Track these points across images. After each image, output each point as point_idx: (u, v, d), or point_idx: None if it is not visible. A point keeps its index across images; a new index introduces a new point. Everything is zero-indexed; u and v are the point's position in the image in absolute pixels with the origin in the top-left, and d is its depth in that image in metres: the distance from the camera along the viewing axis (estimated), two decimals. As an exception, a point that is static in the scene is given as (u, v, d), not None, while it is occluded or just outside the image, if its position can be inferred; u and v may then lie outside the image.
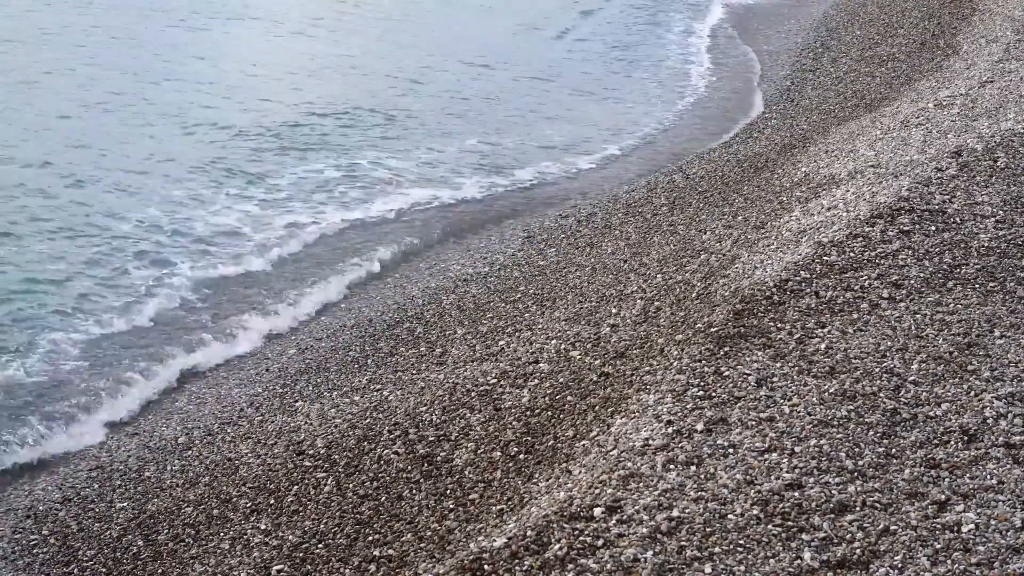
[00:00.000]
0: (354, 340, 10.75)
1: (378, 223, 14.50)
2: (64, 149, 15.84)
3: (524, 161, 16.98)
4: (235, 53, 22.22)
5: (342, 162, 16.38)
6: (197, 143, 16.72)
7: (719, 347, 7.25)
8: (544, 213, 14.58)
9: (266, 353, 10.99)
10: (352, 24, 25.21)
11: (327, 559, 7.02)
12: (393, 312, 11.35)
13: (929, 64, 18.11)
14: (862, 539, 5.37)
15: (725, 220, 11.45)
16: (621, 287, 10.23)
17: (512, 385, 8.42)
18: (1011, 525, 5.44)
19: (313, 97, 19.28)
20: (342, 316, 11.70)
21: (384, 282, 12.68)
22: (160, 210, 14.12)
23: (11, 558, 7.83)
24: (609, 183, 15.90)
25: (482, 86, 20.92)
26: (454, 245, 13.76)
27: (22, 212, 13.67)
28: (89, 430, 9.56)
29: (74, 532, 8.06)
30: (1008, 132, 11.39)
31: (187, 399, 10.15)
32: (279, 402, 9.61)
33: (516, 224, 14.27)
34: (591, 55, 23.97)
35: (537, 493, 6.54)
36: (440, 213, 14.91)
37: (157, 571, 7.48)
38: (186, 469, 8.67)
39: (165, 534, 7.85)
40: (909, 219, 9.14)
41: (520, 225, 14.14)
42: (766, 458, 5.99)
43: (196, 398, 10.13)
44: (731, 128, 18.39)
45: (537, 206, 15.13)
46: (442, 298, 11.45)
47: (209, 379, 10.59)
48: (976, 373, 6.87)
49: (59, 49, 20.85)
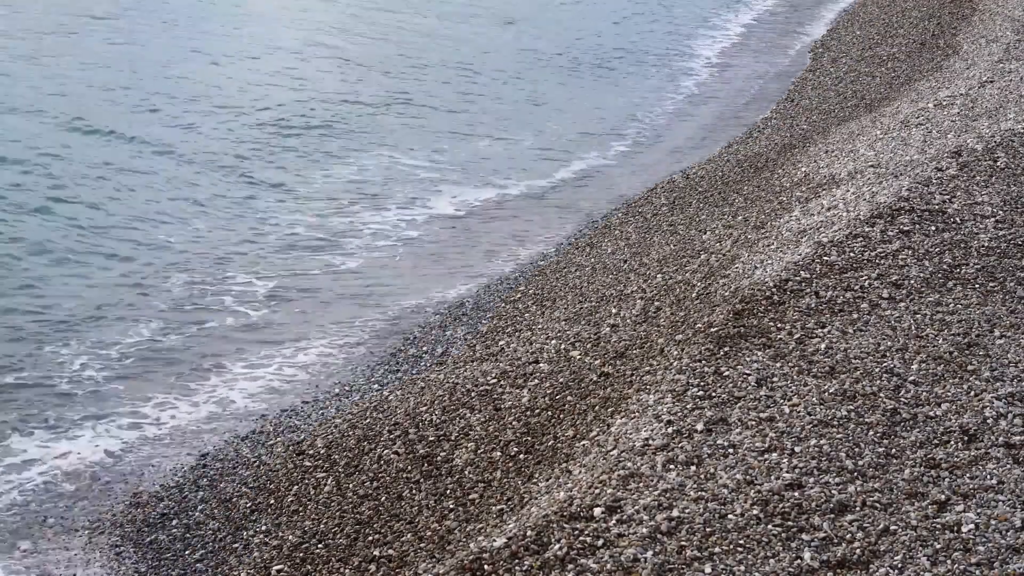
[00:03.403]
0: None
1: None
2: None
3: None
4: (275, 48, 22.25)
5: (341, 160, 16.37)
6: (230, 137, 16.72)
7: (719, 347, 7.25)
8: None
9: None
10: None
11: (327, 559, 7.02)
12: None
13: (929, 64, 18.12)
14: (862, 539, 5.37)
15: (725, 220, 11.45)
16: (621, 287, 10.23)
17: (512, 385, 8.42)
18: (1011, 525, 5.44)
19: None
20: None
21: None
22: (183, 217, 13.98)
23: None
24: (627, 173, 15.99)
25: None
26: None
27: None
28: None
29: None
30: (1008, 132, 11.39)
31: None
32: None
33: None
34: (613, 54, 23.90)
35: (537, 493, 6.54)
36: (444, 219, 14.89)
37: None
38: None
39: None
40: (909, 219, 9.14)
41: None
42: (766, 458, 5.99)
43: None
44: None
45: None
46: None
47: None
48: (976, 373, 6.88)
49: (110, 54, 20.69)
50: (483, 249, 13.44)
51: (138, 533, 7.93)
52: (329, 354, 10.71)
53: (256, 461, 8.50)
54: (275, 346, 10.83)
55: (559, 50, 23.82)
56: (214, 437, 9.18)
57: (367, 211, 14.54)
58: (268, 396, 9.89)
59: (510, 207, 15.02)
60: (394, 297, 11.99)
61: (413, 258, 13.17)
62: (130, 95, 18.40)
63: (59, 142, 15.86)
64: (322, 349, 10.79)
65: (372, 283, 12.41)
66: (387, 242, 13.60)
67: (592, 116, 19.43)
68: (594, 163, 17.12)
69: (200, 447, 9.04)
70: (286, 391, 9.96)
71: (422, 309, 11.52)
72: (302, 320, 11.41)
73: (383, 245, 13.51)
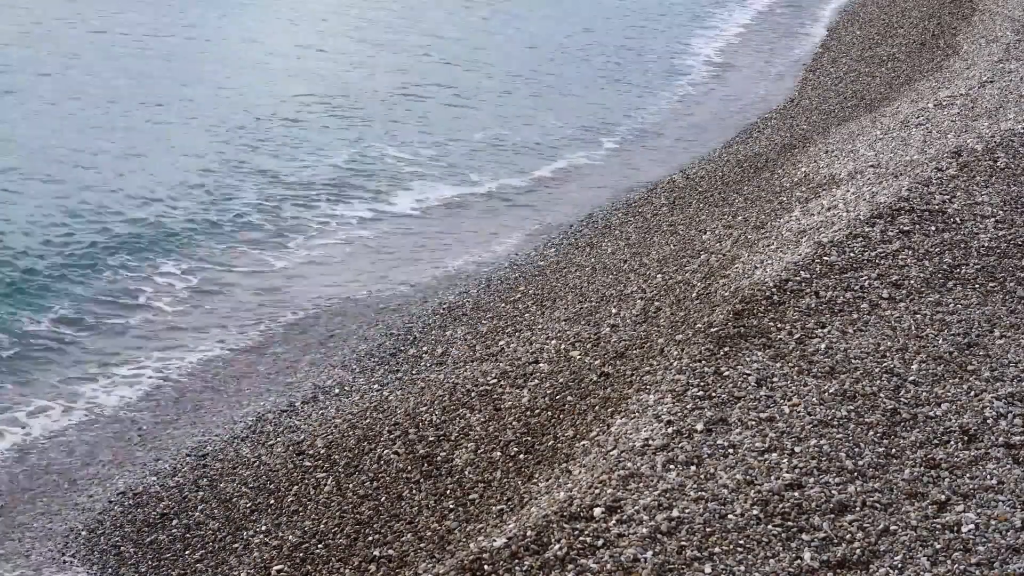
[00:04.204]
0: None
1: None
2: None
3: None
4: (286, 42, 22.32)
5: (341, 152, 16.42)
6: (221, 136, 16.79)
7: (719, 347, 7.25)
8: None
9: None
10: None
11: (327, 559, 7.02)
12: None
13: (929, 64, 18.12)
14: (862, 539, 5.37)
15: (725, 220, 11.45)
16: (621, 287, 10.23)
17: (512, 385, 8.42)
18: (1011, 525, 5.44)
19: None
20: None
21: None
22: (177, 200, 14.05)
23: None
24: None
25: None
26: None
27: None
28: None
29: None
30: (1008, 132, 11.40)
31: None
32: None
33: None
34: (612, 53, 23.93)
35: (537, 493, 6.54)
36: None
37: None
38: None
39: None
40: (909, 219, 9.14)
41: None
42: (766, 458, 5.99)
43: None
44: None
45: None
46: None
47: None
48: (976, 373, 6.88)
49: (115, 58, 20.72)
50: (415, 249, 13.56)
51: (138, 533, 7.93)
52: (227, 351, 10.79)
53: (256, 461, 8.50)
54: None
55: (559, 49, 23.83)
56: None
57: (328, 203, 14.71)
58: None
59: (477, 206, 15.13)
60: (314, 294, 12.14)
61: (347, 255, 13.28)
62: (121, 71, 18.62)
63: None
64: (218, 350, 10.88)
65: (294, 277, 12.59)
66: (330, 239, 13.73)
67: (586, 113, 19.41)
68: (578, 162, 17.13)
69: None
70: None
71: (342, 311, 11.58)
72: (207, 314, 11.58)
73: (322, 241, 13.64)
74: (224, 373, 10.63)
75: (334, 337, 10.97)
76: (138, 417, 9.74)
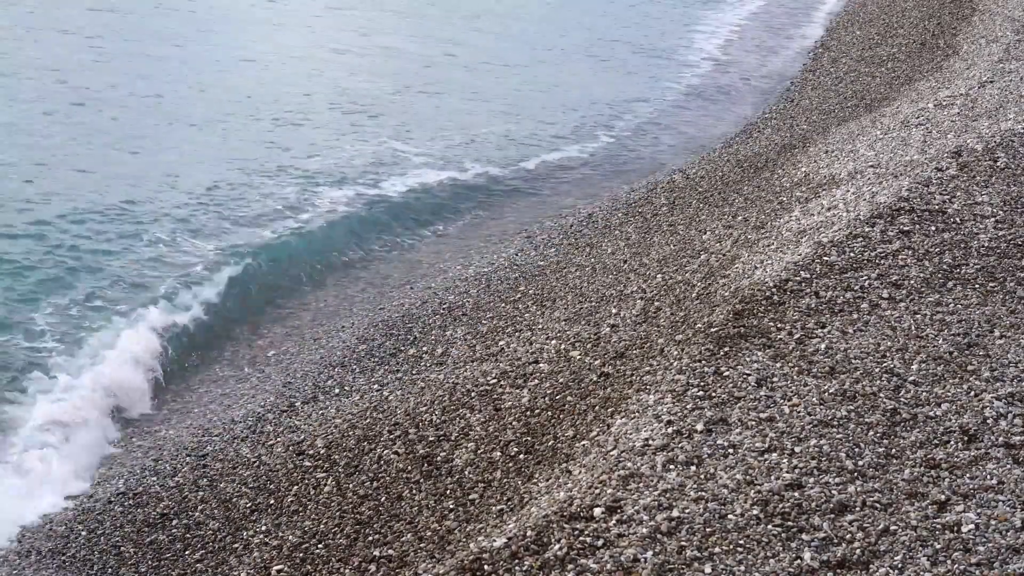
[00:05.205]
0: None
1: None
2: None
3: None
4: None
5: (344, 147, 16.46)
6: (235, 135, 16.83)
7: (719, 347, 7.25)
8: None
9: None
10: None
11: (327, 559, 7.02)
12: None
13: (929, 64, 18.12)
14: (862, 539, 5.37)
15: (725, 220, 11.45)
16: (621, 287, 10.23)
17: (512, 385, 8.42)
18: (1011, 525, 5.44)
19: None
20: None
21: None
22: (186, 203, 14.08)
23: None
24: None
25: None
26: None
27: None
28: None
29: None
30: (1008, 132, 11.39)
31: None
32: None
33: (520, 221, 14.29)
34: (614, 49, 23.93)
35: (537, 493, 6.54)
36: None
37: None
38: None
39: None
40: (909, 219, 9.14)
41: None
42: (766, 458, 5.99)
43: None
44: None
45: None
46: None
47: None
48: (976, 373, 6.88)
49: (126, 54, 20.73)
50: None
51: (138, 533, 7.93)
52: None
53: (256, 461, 8.50)
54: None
55: (559, 46, 23.85)
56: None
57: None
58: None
59: (477, 205, 15.20)
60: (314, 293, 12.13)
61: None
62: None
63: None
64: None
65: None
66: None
67: (583, 109, 19.42)
68: (570, 155, 17.15)
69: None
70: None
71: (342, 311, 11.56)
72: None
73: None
74: (224, 373, 10.65)
75: (334, 337, 10.97)
76: (134, 415, 9.76)
